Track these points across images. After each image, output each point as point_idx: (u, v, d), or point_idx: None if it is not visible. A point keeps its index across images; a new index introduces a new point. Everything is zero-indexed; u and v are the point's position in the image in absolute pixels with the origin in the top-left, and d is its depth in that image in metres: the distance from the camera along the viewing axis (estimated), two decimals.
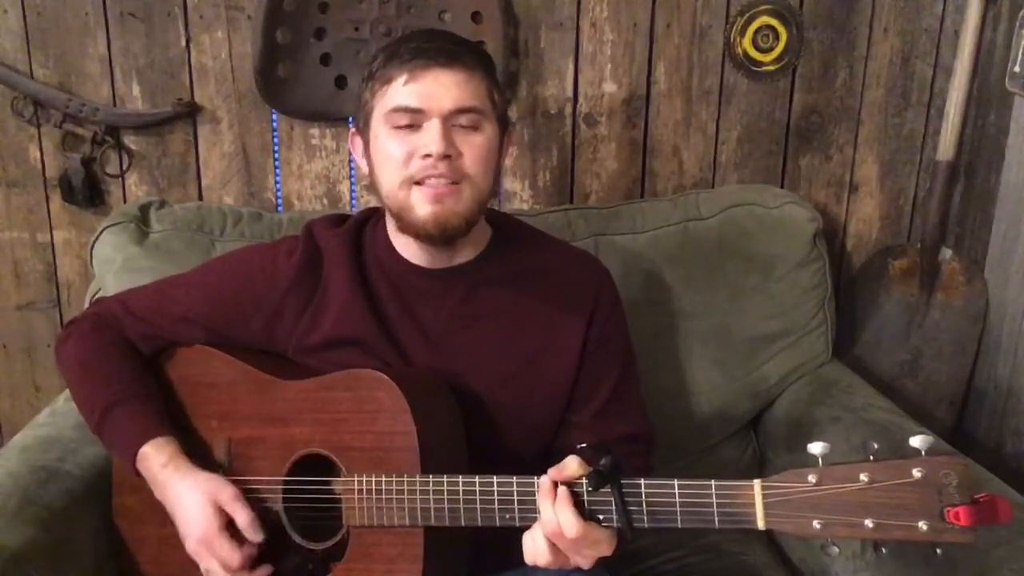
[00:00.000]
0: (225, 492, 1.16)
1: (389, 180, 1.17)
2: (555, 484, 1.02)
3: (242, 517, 1.15)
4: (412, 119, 1.15)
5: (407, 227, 1.18)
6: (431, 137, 1.14)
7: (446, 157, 1.14)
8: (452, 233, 1.17)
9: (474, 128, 1.17)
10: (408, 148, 1.15)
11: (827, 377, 1.76)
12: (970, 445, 1.91)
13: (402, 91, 1.15)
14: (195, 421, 1.26)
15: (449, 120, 1.15)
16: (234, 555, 1.14)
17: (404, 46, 1.18)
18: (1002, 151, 1.84)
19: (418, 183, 1.15)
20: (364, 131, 1.22)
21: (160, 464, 1.19)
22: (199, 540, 1.15)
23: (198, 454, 1.22)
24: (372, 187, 1.23)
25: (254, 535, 1.15)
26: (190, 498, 1.16)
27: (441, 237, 1.17)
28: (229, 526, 1.16)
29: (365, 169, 1.25)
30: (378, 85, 1.18)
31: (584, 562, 1.04)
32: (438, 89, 1.14)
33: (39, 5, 1.75)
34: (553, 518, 1.00)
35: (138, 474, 1.21)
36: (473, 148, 1.16)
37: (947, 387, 1.95)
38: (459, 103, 1.15)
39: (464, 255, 1.26)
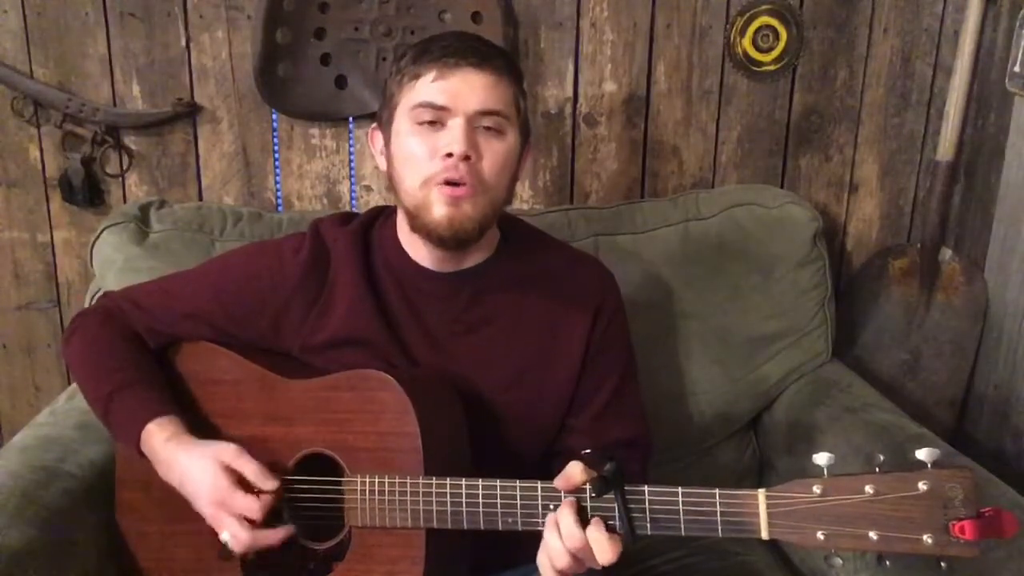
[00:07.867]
0: (228, 451, 1.15)
1: (410, 177, 1.17)
2: (579, 510, 1.01)
3: (250, 470, 1.13)
4: (436, 116, 1.14)
5: (420, 227, 1.17)
6: (453, 136, 1.13)
7: (467, 158, 1.13)
8: (464, 238, 1.17)
9: (498, 132, 1.16)
10: (430, 146, 1.14)
11: (827, 377, 1.76)
12: (970, 445, 1.91)
13: (430, 87, 1.14)
14: (199, 418, 1.25)
15: (473, 121, 1.14)
16: (253, 505, 1.11)
17: (436, 43, 1.17)
18: (1002, 151, 1.84)
19: (438, 183, 1.14)
20: (387, 126, 1.21)
21: (163, 440, 1.17)
22: (214, 502, 1.13)
23: None
24: (390, 183, 1.22)
25: (267, 484, 1.13)
26: (196, 466, 1.14)
27: (453, 240, 1.17)
28: (241, 483, 1.13)
29: (383, 165, 1.24)
30: (406, 80, 1.17)
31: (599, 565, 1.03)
32: (465, 88, 1.14)
33: (39, 5, 1.75)
34: (586, 543, 0.99)
35: (142, 455, 1.19)
36: (494, 153, 1.16)
37: (947, 387, 1.95)
38: (485, 105, 1.14)
39: (473, 259, 1.25)
